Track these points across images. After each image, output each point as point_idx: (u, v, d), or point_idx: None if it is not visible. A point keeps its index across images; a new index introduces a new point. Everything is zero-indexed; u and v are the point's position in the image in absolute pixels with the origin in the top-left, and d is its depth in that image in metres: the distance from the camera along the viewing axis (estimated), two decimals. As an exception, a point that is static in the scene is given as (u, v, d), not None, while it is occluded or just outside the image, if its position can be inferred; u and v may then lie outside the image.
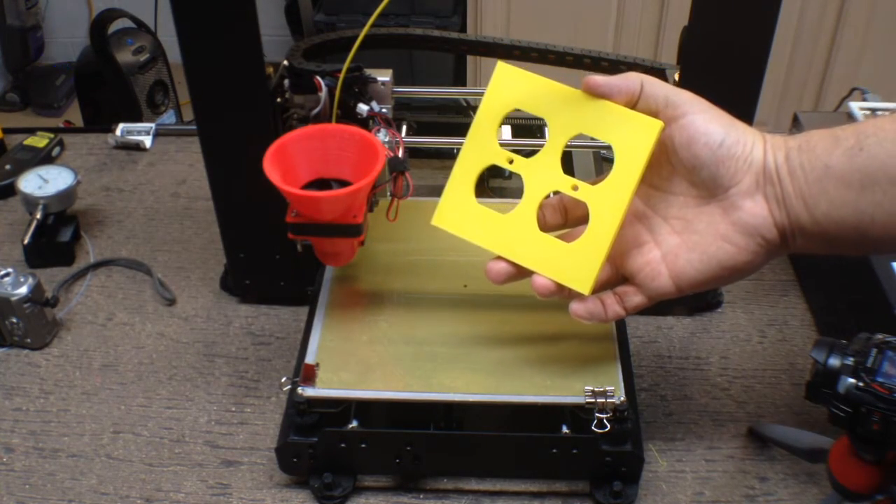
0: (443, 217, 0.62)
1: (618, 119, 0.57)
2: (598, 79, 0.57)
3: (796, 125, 0.92)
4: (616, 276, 0.61)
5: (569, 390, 0.65)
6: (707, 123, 0.55)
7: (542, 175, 0.60)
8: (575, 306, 0.59)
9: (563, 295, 0.59)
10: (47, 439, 0.74)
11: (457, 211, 0.62)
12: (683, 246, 0.57)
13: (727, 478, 0.70)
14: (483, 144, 0.61)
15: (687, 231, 0.57)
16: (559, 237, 0.60)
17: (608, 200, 0.57)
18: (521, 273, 0.60)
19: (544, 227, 0.60)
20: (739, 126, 0.56)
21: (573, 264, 0.58)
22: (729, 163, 0.54)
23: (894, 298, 0.70)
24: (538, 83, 0.60)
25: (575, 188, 0.59)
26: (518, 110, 0.61)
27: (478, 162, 0.61)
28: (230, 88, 0.70)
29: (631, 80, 0.57)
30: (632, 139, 0.57)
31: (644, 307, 0.59)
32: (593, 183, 0.59)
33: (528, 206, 0.60)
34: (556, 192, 0.61)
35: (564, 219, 0.62)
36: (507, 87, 0.60)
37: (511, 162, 0.61)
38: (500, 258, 0.60)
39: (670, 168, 0.57)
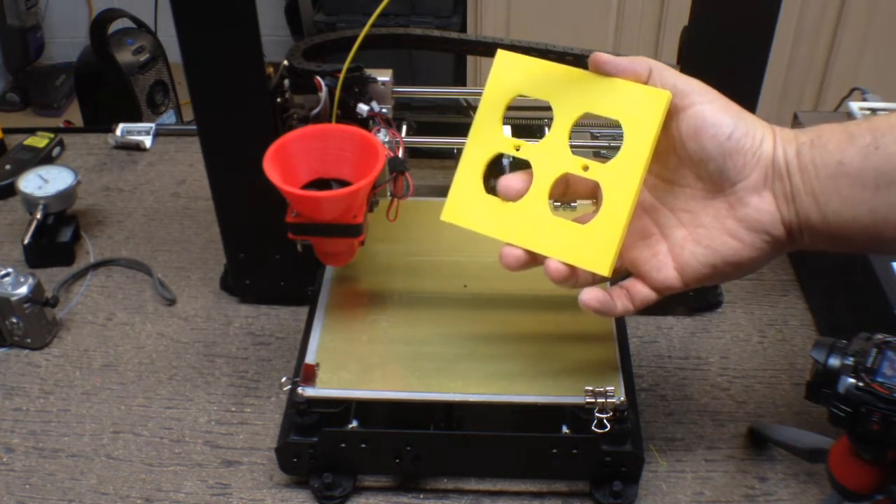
0: (452, 212, 0.60)
1: (623, 93, 0.56)
2: (605, 56, 0.56)
3: (796, 125, 0.92)
4: (621, 269, 0.60)
5: (569, 390, 0.65)
6: (716, 114, 0.53)
7: (550, 159, 0.58)
8: (585, 296, 0.56)
9: (574, 281, 0.57)
10: (47, 439, 0.74)
11: (466, 204, 0.60)
12: (689, 238, 0.56)
13: (727, 478, 0.70)
14: (488, 134, 0.60)
15: (693, 224, 0.56)
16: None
17: (621, 177, 0.56)
18: (536, 259, 0.58)
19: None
20: (749, 118, 0.54)
21: (589, 246, 0.56)
22: (737, 156, 0.53)
23: (894, 298, 0.70)
24: (540, 66, 0.59)
25: (586, 168, 0.57)
26: (521, 99, 0.59)
27: (484, 152, 0.60)
28: (230, 88, 0.70)
29: (639, 64, 0.55)
30: (640, 112, 0.55)
31: (651, 302, 0.58)
32: (603, 162, 0.57)
33: (538, 191, 0.58)
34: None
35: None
36: (508, 74, 0.59)
37: (518, 149, 0.59)
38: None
39: (677, 159, 0.56)
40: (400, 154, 0.72)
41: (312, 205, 0.64)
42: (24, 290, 0.79)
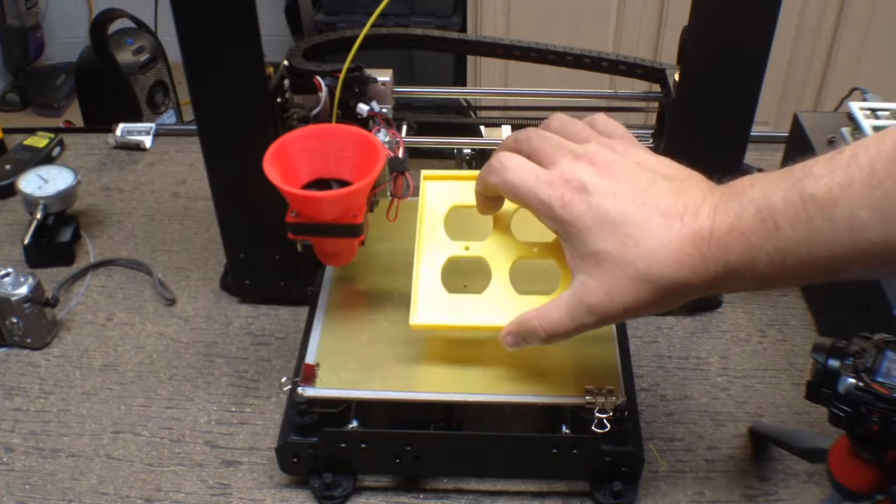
0: (420, 317, 0.63)
1: None
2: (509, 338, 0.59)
3: (796, 126, 0.92)
4: None
5: (569, 390, 0.65)
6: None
7: (500, 250, 0.63)
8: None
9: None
10: (47, 439, 0.74)
11: (433, 307, 0.63)
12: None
13: (727, 478, 0.70)
14: (436, 244, 0.65)
15: None
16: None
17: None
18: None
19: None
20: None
21: None
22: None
23: (894, 298, 0.70)
24: (465, 181, 0.64)
25: (535, 250, 0.63)
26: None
27: (436, 260, 0.64)
28: (230, 88, 0.70)
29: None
30: None
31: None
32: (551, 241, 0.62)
33: (499, 280, 0.63)
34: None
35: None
36: (438, 194, 0.66)
37: (468, 248, 0.64)
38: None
39: None
40: (400, 154, 0.72)
41: (312, 205, 0.64)
42: (24, 290, 0.79)
